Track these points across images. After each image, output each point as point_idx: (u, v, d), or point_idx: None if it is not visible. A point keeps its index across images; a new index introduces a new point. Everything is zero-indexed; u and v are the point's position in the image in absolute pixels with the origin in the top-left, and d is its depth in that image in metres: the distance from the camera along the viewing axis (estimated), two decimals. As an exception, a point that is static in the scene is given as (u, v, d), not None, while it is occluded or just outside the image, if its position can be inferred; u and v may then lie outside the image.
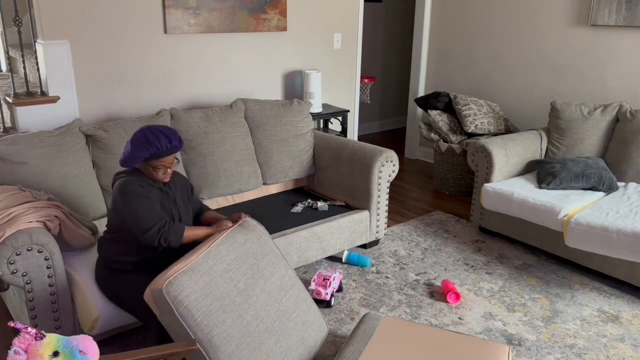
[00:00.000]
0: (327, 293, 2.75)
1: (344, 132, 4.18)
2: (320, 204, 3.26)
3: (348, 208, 3.28)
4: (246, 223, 2.24)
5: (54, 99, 3.00)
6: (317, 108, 3.98)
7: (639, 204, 3.03)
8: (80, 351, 1.47)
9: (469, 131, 4.18)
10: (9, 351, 1.42)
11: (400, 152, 5.59)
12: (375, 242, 3.46)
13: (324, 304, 2.78)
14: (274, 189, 3.54)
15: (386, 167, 3.21)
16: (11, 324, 1.45)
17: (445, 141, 4.35)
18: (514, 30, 4.41)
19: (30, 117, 2.95)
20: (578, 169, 3.30)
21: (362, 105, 6.29)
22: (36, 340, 1.44)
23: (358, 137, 5.44)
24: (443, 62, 5.02)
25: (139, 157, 2.09)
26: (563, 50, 4.13)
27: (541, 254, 3.41)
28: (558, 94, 4.23)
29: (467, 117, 4.18)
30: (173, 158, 2.17)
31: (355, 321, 2.68)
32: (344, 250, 3.25)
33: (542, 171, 3.40)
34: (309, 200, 3.38)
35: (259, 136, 3.37)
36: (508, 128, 4.31)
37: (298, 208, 3.24)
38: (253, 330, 1.90)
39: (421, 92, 5.18)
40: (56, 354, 1.45)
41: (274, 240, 2.83)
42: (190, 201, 2.38)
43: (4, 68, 4.06)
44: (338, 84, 4.41)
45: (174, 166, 2.19)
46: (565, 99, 4.18)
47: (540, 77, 4.33)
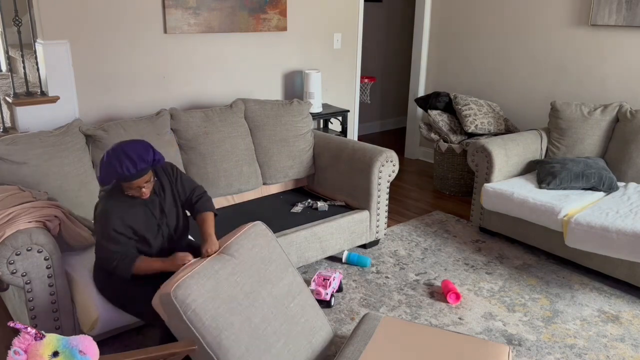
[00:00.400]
0: (327, 293, 2.75)
1: (344, 132, 4.18)
2: (320, 204, 3.26)
3: (348, 208, 3.28)
4: (252, 229, 2.19)
5: (54, 99, 3.00)
6: (317, 108, 3.98)
7: (639, 204, 3.03)
8: (80, 351, 1.47)
9: (469, 131, 4.18)
10: (9, 351, 1.42)
11: (400, 152, 5.59)
12: (375, 242, 3.46)
13: (324, 304, 2.78)
14: (274, 189, 3.53)
15: (386, 167, 3.21)
16: (11, 324, 1.45)
17: (445, 141, 4.35)
18: (514, 30, 4.41)
19: (30, 117, 2.95)
20: (578, 169, 3.30)
21: (362, 105, 6.29)
22: (36, 340, 1.44)
23: (358, 137, 5.44)
24: (443, 62, 5.02)
25: (108, 180, 2.01)
26: (563, 50, 4.13)
27: (541, 254, 3.41)
28: (558, 94, 4.23)
29: (467, 117, 4.18)
30: (145, 179, 2.04)
31: (355, 321, 2.68)
32: (344, 250, 3.25)
33: (542, 171, 3.40)
34: (309, 200, 3.38)
35: (259, 136, 3.37)
36: (508, 128, 4.31)
37: (298, 208, 3.24)
38: (261, 333, 1.90)
39: (421, 92, 5.18)
40: (56, 354, 1.45)
41: (274, 240, 2.83)
42: (178, 195, 2.27)
43: (4, 68, 4.06)
44: (338, 84, 4.41)
45: (150, 185, 2.08)
46: (565, 99, 4.18)
47: (540, 77, 4.33)
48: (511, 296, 2.93)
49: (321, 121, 4.27)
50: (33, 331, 1.44)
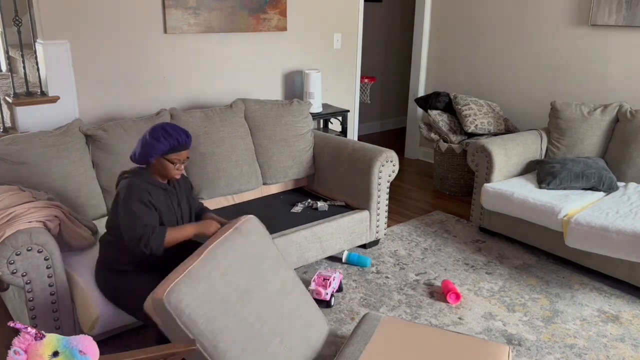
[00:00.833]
0: (327, 293, 2.75)
1: (344, 132, 4.18)
2: (320, 204, 3.26)
3: (348, 208, 3.28)
4: (244, 225, 2.20)
5: (54, 99, 3.00)
6: (317, 108, 3.98)
7: (639, 204, 3.03)
8: (80, 351, 1.47)
9: (469, 131, 4.18)
10: (9, 351, 1.42)
11: (400, 152, 5.58)
12: (375, 242, 3.46)
13: (324, 304, 2.78)
14: (274, 189, 3.53)
15: (386, 167, 3.21)
16: (11, 324, 1.45)
17: (445, 141, 4.35)
18: (514, 30, 4.41)
19: (30, 117, 2.95)
20: (578, 169, 3.30)
21: (362, 105, 6.29)
22: (36, 340, 1.44)
23: (358, 137, 5.43)
24: (443, 62, 5.02)
25: (158, 151, 2.09)
26: (563, 50, 4.13)
27: (541, 254, 3.41)
28: (558, 94, 4.23)
29: (467, 117, 4.18)
30: (187, 153, 2.18)
31: (355, 321, 2.68)
32: (344, 250, 3.25)
33: (542, 171, 3.40)
34: (309, 200, 3.38)
35: (259, 136, 3.37)
36: (508, 128, 4.31)
37: (298, 208, 3.24)
38: (257, 332, 1.89)
39: (421, 92, 5.18)
40: (56, 354, 1.45)
41: (274, 240, 2.83)
42: (190, 202, 2.37)
43: (4, 68, 4.06)
44: (338, 84, 4.41)
45: (186, 163, 2.20)
46: (565, 99, 4.18)
47: (540, 77, 4.33)
48: (511, 296, 2.93)
49: (321, 121, 4.27)
50: (33, 331, 1.44)
